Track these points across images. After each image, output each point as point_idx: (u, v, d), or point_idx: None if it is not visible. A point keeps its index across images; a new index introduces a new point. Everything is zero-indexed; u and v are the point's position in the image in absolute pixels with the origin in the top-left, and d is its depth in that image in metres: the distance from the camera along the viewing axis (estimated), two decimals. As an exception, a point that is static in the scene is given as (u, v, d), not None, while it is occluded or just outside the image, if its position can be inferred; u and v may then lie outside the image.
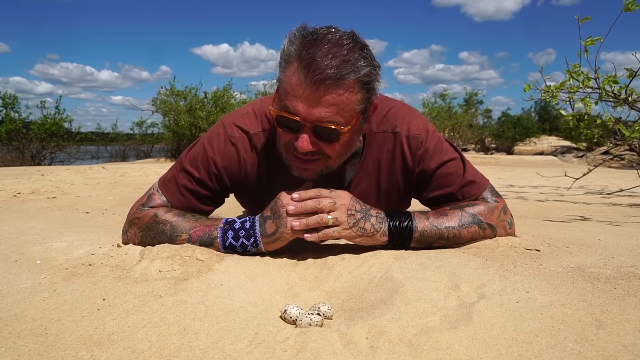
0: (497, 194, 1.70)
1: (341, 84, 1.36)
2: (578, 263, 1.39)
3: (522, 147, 26.75)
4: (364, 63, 1.39)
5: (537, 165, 12.54)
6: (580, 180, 5.48)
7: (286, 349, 0.94)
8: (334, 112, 1.39)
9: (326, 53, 1.35)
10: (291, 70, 1.39)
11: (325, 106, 1.38)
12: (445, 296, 1.16)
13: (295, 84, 1.38)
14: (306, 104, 1.38)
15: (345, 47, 1.37)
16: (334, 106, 1.38)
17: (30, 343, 0.97)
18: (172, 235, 1.54)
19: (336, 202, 1.48)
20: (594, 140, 4.30)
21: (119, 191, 4.84)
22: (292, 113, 1.40)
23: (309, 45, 1.37)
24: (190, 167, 1.65)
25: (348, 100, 1.39)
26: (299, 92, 1.38)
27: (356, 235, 1.50)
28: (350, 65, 1.36)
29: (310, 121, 1.40)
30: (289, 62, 1.41)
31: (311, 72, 1.34)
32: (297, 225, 1.47)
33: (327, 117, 1.39)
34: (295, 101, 1.39)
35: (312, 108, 1.38)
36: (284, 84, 1.42)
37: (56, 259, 1.53)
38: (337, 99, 1.37)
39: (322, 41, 1.37)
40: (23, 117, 16.03)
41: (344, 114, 1.41)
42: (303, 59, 1.36)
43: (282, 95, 1.43)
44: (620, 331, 0.98)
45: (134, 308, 1.12)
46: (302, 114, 1.39)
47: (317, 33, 1.40)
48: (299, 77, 1.36)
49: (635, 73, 3.24)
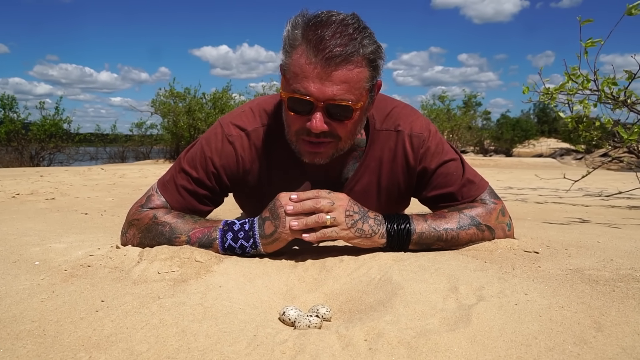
0: (495, 195, 1.70)
1: (351, 60, 1.38)
2: (577, 265, 1.39)
3: (521, 149, 26.78)
4: (369, 41, 1.41)
5: (535, 168, 12.55)
6: (579, 183, 5.49)
7: (285, 350, 0.94)
8: (345, 89, 1.40)
9: (333, 32, 1.37)
10: (298, 53, 1.40)
11: (337, 84, 1.39)
12: (444, 298, 1.16)
13: (304, 64, 1.39)
14: (318, 83, 1.39)
15: (350, 27, 1.39)
16: (345, 83, 1.40)
17: (29, 344, 0.97)
18: (171, 237, 1.54)
19: (334, 203, 1.49)
20: (593, 142, 4.31)
21: (118, 192, 4.83)
22: (304, 94, 1.41)
23: (314, 27, 1.39)
24: (188, 167, 1.65)
25: (358, 76, 1.41)
26: (310, 72, 1.39)
27: (354, 236, 1.50)
28: (357, 42, 1.38)
29: (323, 100, 1.41)
30: (294, 45, 1.42)
31: (320, 51, 1.36)
32: (295, 225, 1.46)
33: (339, 95, 1.40)
34: (306, 82, 1.40)
35: (324, 86, 1.39)
36: (292, 67, 1.42)
37: (55, 260, 1.53)
38: (348, 76, 1.39)
39: (327, 22, 1.39)
40: (22, 118, 16.04)
41: (355, 91, 1.42)
42: (311, 39, 1.37)
43: (292, 78, 1.43)
44: (619, 334, 0.98)
45: (133, 309, 1.12)
46: (314, 94, 1.40)
47: (320, 16, 1.41)
48: (309, 57, 1.38)
49: (635, 75, 3.25)
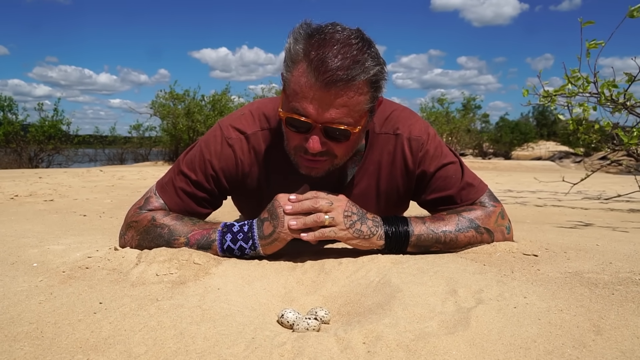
0: (495, 198, 1.70)
1: (352, 85, 1.36)
2: (576, 268, 1.39)
3: (520, 152, 26.82)
4: (372, 63, 1.39)
5: (534, 170, 12.56)
6: (578, 186, 5.49)
7: (283, 353, 0.93)
8: (344, 113, 1.39)
9: (336, 54, 1.34)
10: (299, 71, 1.39)
11: (336, 107, 1.38)
12: (443, 301, 1.16)
13: (305, 85, 1.37)
14: (317, 106, 1.38)
15: (354, 47, 1.37)
16: (344, 107, 1.38)
17: (26, 346, 0.97)
18: (169, 239, 1.54)
19: (333, 203, 1.49)
20: (592, 145, 4.31)
21: (117, 194, 4.83)
22: (303, 114, 1.40)
23: (317, 45, 1.36)
24: (187, 169, 1.65)
25: (358, 101, 1.39)
26: (310, 94, 1.37)
27: (352, 236, 1.49)
28: (360, 65, 1.36)
29: (321, 122, 1.40)
30: (295, 61, 1.40)
31: (322, 73, 1.33)
32: (294, 224, 1.46)
33: (337, 119, 1.39)
34: (305, 103, 1.39)
35: (323, 110, 1.38)
36: (293, 85, 1.41)
37: (53, 262, 1.52)
38: (347, 101, 1.38)
39: (331, 41, 1.36)
40: (21, 120, 16.04)
41: (354, 114, 1.41)
42: (312, 59, 1.35)
43: (291, 96, 1.42)
44: (618, 337, 0.98)
45: (131, 312, 1.12)
46: (312, 116, 1.39)
47: (324, 32, 1.39)
48: (309, 78, 1.36)
49: (634, 78, 3.25)
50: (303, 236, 1.47)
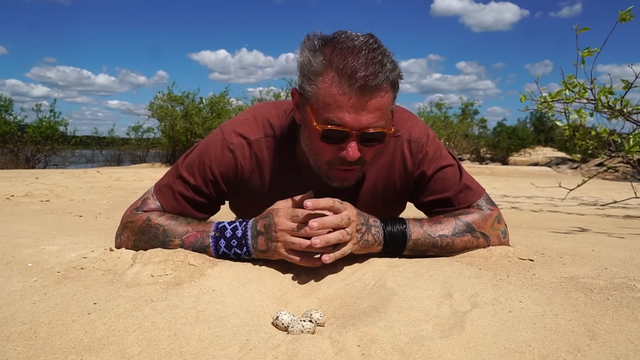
0: (492, 202, 1.70)
1: (381, 87, 1.38)
2: (571, 273, 1.39)
3: (517, 158, 26.86)
4: (392, 64, 1.41)
5: (531, 176, 12.59)
6: (575, 192, 5.50)
7: (277, 355, 0.93)
8: (378, 116, 1.40)
9: (364, 61, 1.35)
10: (327, 82, 1.38)
11: (371, 112, 1.39)
12: (438, 305, 1.16)
13: (337, 94, 1.37)
14: (353, 113, 1.38)
15: (377, 52, 1.38)
16: (378, 110, 1.40)
17: (20, 346, 0.97)
18: (165, 240, 1.53)
19: (350, 217, 1.43)
20: (589, 151, 4.33)
21: (113, 195, 4.83)
22: (339, 124, 1.40)
23: (342, 54, 1.37)
24: (186, 174, 1.63)
25: (387, 102, 1.42)
26: (344, 102, 1.37)
27: (360, 248, 1.48)
28: (386, 69, 1.38)
29: (358, 129, 1.40)
30: (319, 73, 1.39)
31: (356, 80, 1.34)
32: (318, 242, 1.36)
33: (374, 123, 1.40)
34: (340, 112, 1.38)
35: (360, 116, 1.38)
36: (322, 97, 1.40)
37: (48, 262, 1.52)
38: (380, 103, 1.39)
39: (353, 48, 1.37)
40: (18, 120, 16.01)
41: (386, 117, 1.43)
42: (341, 69, 1.36)
43: (322, 108, 1.41)
44: (613, 342, 0.98)
45: (125, 312, 1.11)
46: (350, 124, 1.39)
47: (340, 40, 1.40)
48: (341, 87, 1.36)
49: (631, 85, 3.26)
50: (324, 259, 1.38)
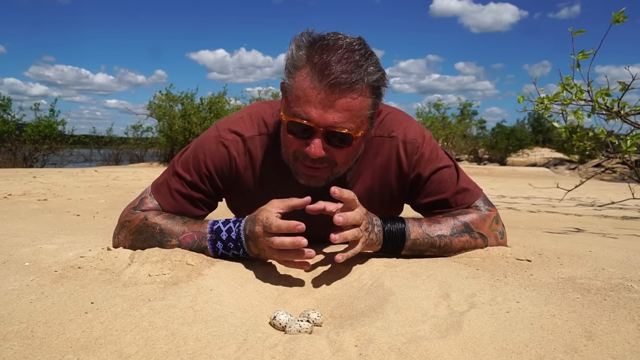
0: (489, 203, 1.70)
1: (354, 88, 1.36)
2: (569, 274, 1.39)
3: (515, 159, 26.87)
4: (374, 68, 1.40)
5: (529, 177, 12.60)
6: (572, 192, 5.51)
7: (274, 355, 0.93)
8: (347, 117, 1.39)
9: (340, 58, 1.35)
10: (302, 75, 1.39)
11: (339, 111, 1.37)
12: (436, 305, 1.16)
13: (308, 88, 1.37)
14: (320, 109, 1.37)
15: (357, 53, 1.38)
16: (347, 111, 1.38)
17: (16, 345, 0.96)
18: (162, 240, 1.53)
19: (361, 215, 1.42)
20: (587, 152, 4.33)
21: (111, 194, 4.82)
22: (305, 118, 1.39)
23: (320, 51, 1.37)
24: (182, 170, 1.64)
25: (360, 105, 1.39)
26: (313, 97, 1.37)
27: (365, 247, 1.48)
28: (363, 70, 1.36)
29: (324, 126, 1.39)
30: (298, 67, 1.40)
31: (325, 76, 1.34)
32: (337, 239, 1.35)
33: (340, 123, 1.39)
34: (308, 106, 1.38)
35: (326, 113, 1.37)
36: (295, 90, 1.41)
37: (45, 261, 1.51)
38: (350, 104, 1.37)
39: (334, 46, 1.37)
40: (16, 119, 15.97)
41: (356, 120, 1.41)
42: (316, 63, 1.35)
43: (293, 101, 1.42)
44: (610, 342, 0.98)
45: (122, 312, 1.11)
46: (315, 119, 1.38)
47: (326, 39, 1.40)
48: (312, 81, 1.36)
49: (628, 86, 3.27)
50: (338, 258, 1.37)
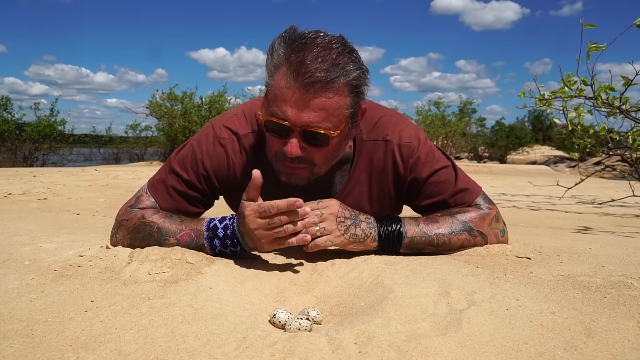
0: (490, 201, 1.70)
1: (330, 87, 1.35)
2: (568, 271, 1.39)
3: (515, 156, 26.83)
4: (353, 67, 1.38)
5: (529, 175, 12.58)
6: (572, 190, 5.51)
7: (274, 353, 0.93)
8: (322, 116, 1.38)
9: (315, 56, 1.34)
10: (280, 74, 1.39)
11: (314, 110, 1.37)
12: (435, 302, 1.16)
13: (284, 87, 1.37)
14: (295, 108, 1.37)
15: (334, 51, 1.37)
16: (323, 110, 1.37)
17: (16, 344, 0.96)
18: (160, 239, 1.53)
19: (323, 213, 1.47)
20: (587, 150, 4.34)
21: (111, 193, 4.82)
22: (281, 118, 1.39)
23: (297, 49, 1.36)
24: (179, 168, 1.64)
25: (337, 104, 1.38)
26: (288, 96, 1.37)
27: (348, 241, 1.49)
28: (339, 68, 1.35)
29: (299, 125, 1.39)
30: (277, 66, 1.40)
31: (300, 75, 1.33)
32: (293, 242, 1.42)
33: (315, 122, 1.38)
34: (284, 105, 1.38)
35: (301, 112, 1.37)
36: (273, 89, 1.41)
37: (45, 260, 1.51)
38: (326, 103, 1.37)
39: (311, 45, 1.36)
40: (16, 118, 15.97)
41: (333, 119, 1.40)
42: (292, 62, 1.35)
43: (271, 100, 1.42)
44: (610, 340, 0.98)
45: (122, 310, 1.11)
46: (291, 119, 1.38)
47: (305, 37, 1.39)
48: (288, 80, 1.36)
49: (631, 81, 3.25)
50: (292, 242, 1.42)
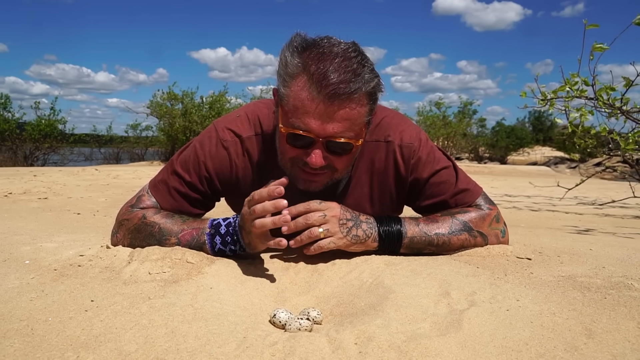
0: (490, 201, 1.70)
1: (353, 98, 1.36)
2: (569, 272, 1.39)
3: (516, 157, 26.81)
4: (370, 75, 1.39)
5: (530, 175, 12.58)
6: (573, 191, 5.50)
7: (274, 353, 0.93)
8: (346, 126, 1.39)
9: (337, 67, 1.34)
10: (299, 85, 1.37)
11: (338, 121, 1.37)
12: (436, 303, 1.16)
13: (306, 99, 1.36)
14: (319, 120, 1.37)
15: (354, 61, 1.37)
16: (347, 121, 1.38)
17: (16, 343, 0.96)
18: (160, 239, 1.53)
19: (326, 215, 1.48)
20: (588, 150, 4.34)
21: (111, 193, 4.82)
22: (305, 130, 1.39)
23: (317, 59, 1.36)
24: (181, 170, 1.64)
25: (359, 113, 1.39)
26: (312, 108, 1.36)
27: (351, 243, 1.50)
28: (360, 78, 1.35)
29: (324, 137, 1.39)
30: (293, 75, 1.38)
31: (324, 87, 1.33)
32: (292, 243, 1.47)
33: (340, 132, 1.39)
34: (307, 118, 1.37)
35: (326, 124, 1.37)
36: (292, 100, 1.39)
37: (45, 259, 1.51)
38: (350, 114, 1.37)
39: (330, 54, 1.36)
40: (17, 118, 15.96)
41: (355, 128, 1.41)
42: (313, 74, 1.34)
43: (291, 111, 1.40)
44: (610, 341, 0.98)
45: (122, 310, 1.11)
46: (314, 130, 1.38)
47: (320, 45, 1.38)
48: (311, 92, 1.35)
49: (632, 82, 3.25)
50: (305, 251, 1.48)
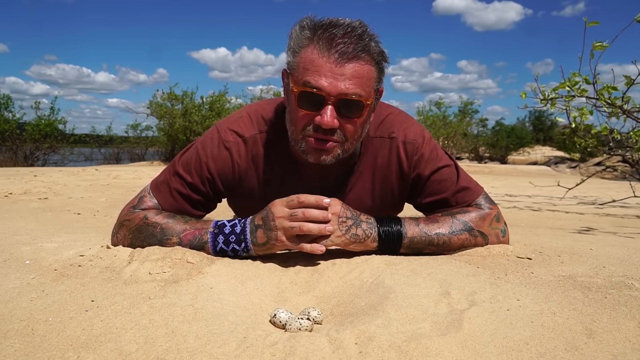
0: (491, 201, 1.70)
1: (361, 57, 1.42)
2: (569, 272, 1.39)
3: (516, 157, 26.81)
4: (375, 44, 1.45)
5: (530, 175, 12.58)
6: (573, 191, 5.51)
7: (275, 353, 0.93)
8: (357, 84, 1.42)
9: (343, 33, 1.41)
10: (308, 50, 1.43)
11: (349, 78, 1.41)
12: (436, 303, 1.16)
13: (317, 58, 1.41)
14: (330, 77, 1.41)
15: (358, 29, 1.43)
16: (357, 78, 1.42)
17: (17, 343, 0.96)
18: (162, 239, 1.53)
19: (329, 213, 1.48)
20: (588, 150, 4.33)
21: (112, 193, 4.82)
22: (316, 87, 1.42)
23: (325, 28, 1.42)
24: (183, 171, 1.63)
25: (369, 73, 1.45)
26: (322, 66, 1.41)
27: (349, 241, 1.49)
28: (365, 42, 1.42)
29: (335, 94, 1.42)
30: (303, 45, 1.45)
31: (333, 46, 1.39)
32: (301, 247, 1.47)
33: (351, 89, 1.42)
34: (317, 75, 1.41)
35: (337, 81, 1.41)
36: (302, 63, 1.44)
37: (45, 259, 1.52)
38: (359, 71, 1.42)
39: (337, 24, 1.43)
40: (17, 118, 15.97)
41: (366, 87, 1.45)
42: (322, 37, 1.41)
43: (301, 73, 1.44)
44: (611, 340, 0.98)
45: (123, 310, 1.11)
46: (326, 88, 1.41)
47: (328, 19, 1.46)
48: (321, 52, 1.41)
49: (633, 81, 3.24)
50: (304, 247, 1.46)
